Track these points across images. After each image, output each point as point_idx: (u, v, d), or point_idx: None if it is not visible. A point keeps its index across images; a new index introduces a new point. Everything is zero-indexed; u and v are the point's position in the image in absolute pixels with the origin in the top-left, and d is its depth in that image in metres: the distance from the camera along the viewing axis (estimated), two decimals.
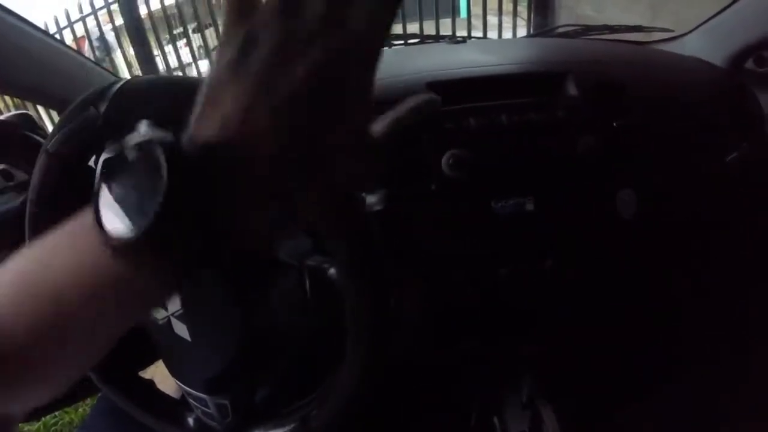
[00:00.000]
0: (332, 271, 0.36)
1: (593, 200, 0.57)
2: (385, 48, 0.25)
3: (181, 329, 0.42)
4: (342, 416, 0.37)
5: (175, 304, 0.41)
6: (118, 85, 0.38)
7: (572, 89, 0.60)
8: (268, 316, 0.39)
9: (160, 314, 0.42)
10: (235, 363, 0.42)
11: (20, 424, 1.55)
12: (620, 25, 0.95)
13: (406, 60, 0.70)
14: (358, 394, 0.36)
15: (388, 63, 0.73)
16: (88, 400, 1.34)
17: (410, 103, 0.27)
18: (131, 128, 0.43)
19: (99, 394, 0.82)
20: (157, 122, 0.40)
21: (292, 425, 0.40)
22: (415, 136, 0.52)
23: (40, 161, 0.43)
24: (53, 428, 1.45)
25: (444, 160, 0.51)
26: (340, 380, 0.37)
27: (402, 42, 0.97)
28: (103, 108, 0.38)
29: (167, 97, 0.37)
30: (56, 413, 1.44)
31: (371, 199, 0.47)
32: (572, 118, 0.57)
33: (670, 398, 0.72)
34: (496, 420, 0.64)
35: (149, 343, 0.45)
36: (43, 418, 1.42)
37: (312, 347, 0.44)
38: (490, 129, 0.54)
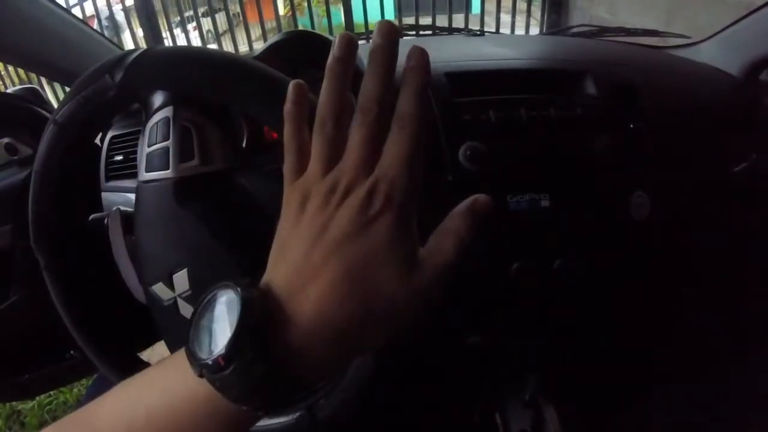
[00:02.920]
0: None
1: (607, 200, 0.56)
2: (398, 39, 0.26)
3: (188, 311, 0.41)
4: (351, 408, 0.36)
5: (183, 285, 0.40)
6: (136, 54, 0.37)
7: (591, 88, 0.60)
8: None
9: (166, 295, 0.41)
10: None
11: (14, 403, 1.54)
12: (636, 29, 0.94)
13: None
14: (370, 385, 0.35)
15: (405, 52, 0.72)
16: (84, 381, 1.33)
17: (466, 216, 0.27)
18: (146, 99, 0.41)
19: (95, 375, 0.81)
20: (174, 94, 0.39)
21: (298, 414, 0.39)
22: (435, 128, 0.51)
23: (48, 132, 0.41)
24: (48, 407, 1.44)
25: (461, 151, 0.50)
26: (351, 370, 0.36)
27: (414, 33, 0.96)
28: (118, 77, 0.36)
29: (187, 68, 0.35)
30: (51, 393, 1.43)
31: None
32: (591, 117, 0.56)
33: (673, 399, 0.71)
34: (498, 418, 0.64)
35: (149, 324, 0.44)
36: (37, 398, 1.41)
37: None
38: (508, 122, 0.53)
